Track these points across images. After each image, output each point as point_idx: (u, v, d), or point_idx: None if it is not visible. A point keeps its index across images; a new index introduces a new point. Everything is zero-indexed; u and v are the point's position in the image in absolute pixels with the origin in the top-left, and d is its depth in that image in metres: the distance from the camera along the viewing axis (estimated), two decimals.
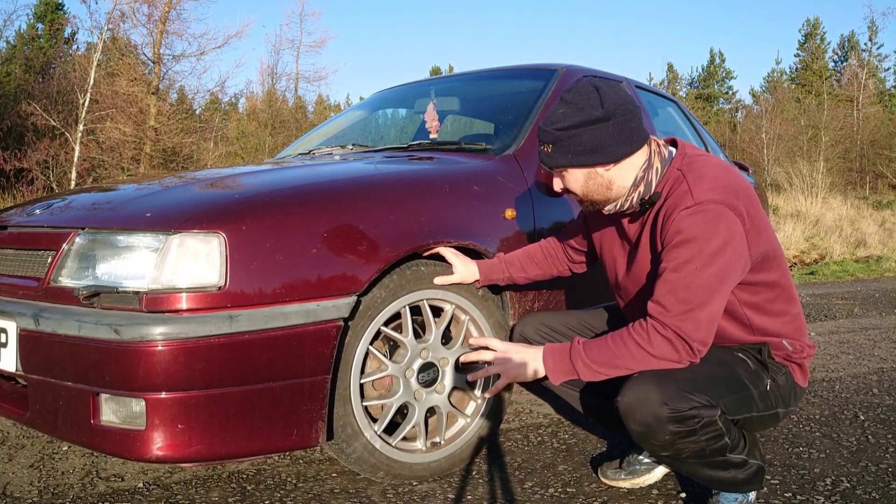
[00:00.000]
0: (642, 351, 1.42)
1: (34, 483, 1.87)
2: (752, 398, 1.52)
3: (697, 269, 1.39)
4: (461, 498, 1.77)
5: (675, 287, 1.40)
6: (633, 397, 1.40)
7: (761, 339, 1.57)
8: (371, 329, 1.71)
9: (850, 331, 4.17)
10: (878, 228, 11.70)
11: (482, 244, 1.93)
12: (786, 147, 23.53)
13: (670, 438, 1.39)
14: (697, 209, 1.41)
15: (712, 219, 1.40)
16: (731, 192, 1.44)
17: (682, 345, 1.40)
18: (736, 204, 1.42)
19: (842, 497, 1.74)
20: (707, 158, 1.55)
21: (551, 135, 1.50)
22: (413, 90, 3.23)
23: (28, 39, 19.48)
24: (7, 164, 12.61)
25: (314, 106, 29.68)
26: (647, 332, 1.42)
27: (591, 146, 1.47)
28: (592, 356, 1.46)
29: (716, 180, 1.46)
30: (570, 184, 1.55)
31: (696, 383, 1.42)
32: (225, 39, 16.52)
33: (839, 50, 33.59)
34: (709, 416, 1.40)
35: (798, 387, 1.62)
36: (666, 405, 1.37)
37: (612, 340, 1.46)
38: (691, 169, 1.49)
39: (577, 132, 1.47)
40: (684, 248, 1.41)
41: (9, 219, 1.91)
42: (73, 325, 1.46)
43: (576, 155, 1.49)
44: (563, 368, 1.50)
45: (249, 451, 1.54)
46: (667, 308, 1.40)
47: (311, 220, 1.62)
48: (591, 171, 1.51)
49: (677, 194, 1.47)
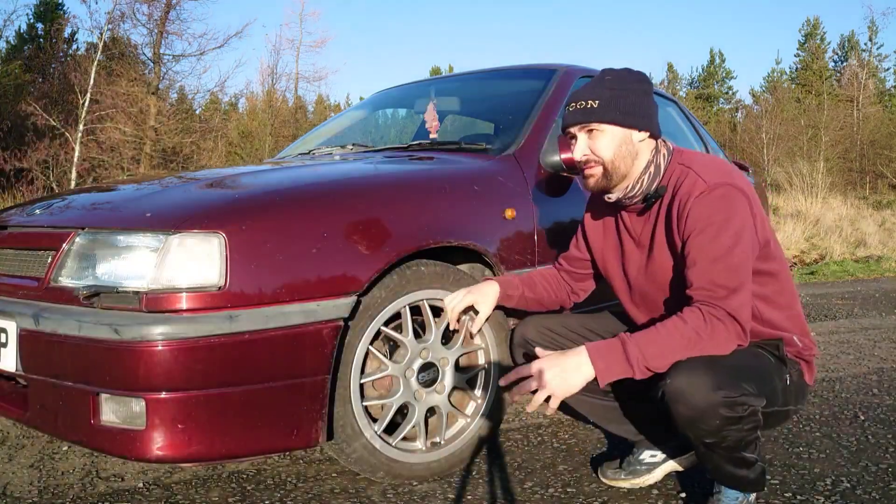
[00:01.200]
0: (699, 337, 1.40)
1: (34, 483, 1.87)
2: (777, 391, 1.53)
3: (728, 249, 1.43)
4: (461, 498, 1.77)
5: (713, 271, 1.42)
6: (684, 382, 1.37)
7: (774, 334, 1.58)
8: (371, 329, 1.70)
9: (850, 331, 4.17)
10: (878, 228, 11.70)
11: (482, 244, 1.93)
12: (786, 147, 23.53)
13: (720, 424, 1.39)
14: (711, 192, 1.46)
15: (725, 199, 1.46)
16: (734, 176, 1.51)
17: (734, 325, 1.41)
18: (741, 185, 1.49)
19: (842, 497, 1.74)
20: (705, 154, 1.62)
21: (602, 90, 1.52)
22: (413, 90, 3.23)
23: (28, 39, 19.48)
24: (7, 164, 12.62)
25: (314, 106, 29.70)
26: (704, 318, 1.40)
27: (637, 108, 1.53)
28: (647, 350, 1.41)
29: (719, 167, 1.53)
30: (601, 146, 1.53)
31: (742, 371, 1.43)
32: (225, 39, 16.56)
33: (839, 50, 33.59)
34: (756, 404, 1.42)
35: (806, 385, 1.64)
36: (721, 390, 1.36)
37: (666, 330, 1.42)
38: (694, 160, 1.56)
39: (627, 92, 1.53)
40: (708, 232, 1.44)
41: (9, 219, 1.91)
42: (73, 325, 1.46)
43: (622, 113, 1.52)
44: (616, 369, 1.42)
45: (249, 451, 1.54)
46: (713, 290, 1.41)
47: (311, 219, 1.62)
48: (627, 135, 1.54)
49: (687, 183, 1.51)
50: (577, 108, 1.55)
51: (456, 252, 1.95)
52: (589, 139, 1.55)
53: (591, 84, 1.56)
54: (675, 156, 1.58)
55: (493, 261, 1.98)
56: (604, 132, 1.53)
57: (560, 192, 2.26)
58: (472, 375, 1.94)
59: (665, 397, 1.40)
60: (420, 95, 3.13)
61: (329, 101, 32.31)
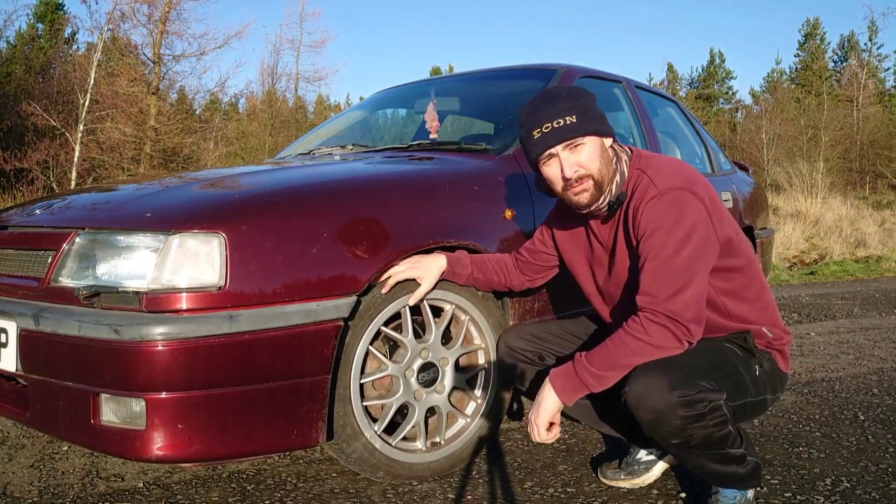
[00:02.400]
0: (641, 343, 1.44)
1: (34, 483, 1.87)
2: (745, 384, 1.56)
3: (674, 252, 1.45)
4: (461, 498, 1.77)
5: (657, 274, 1.45)
6: (640, 386, 1.41)
7: (742, 327, 1.62)
8: (371, 329, 1.71)
9: (850, 331, 4.17)
10: (877, 228, 11.69)
11: (482, 244, 1.93)
12: (786, 147, 23.53)
13: (681, 423, 1.41)
14: (661, 197, 1.49)
15: (677, 204, 1.48)
16: (689, 179, 1.53)
17: (676, 327, 1.43)
18: (696, 189, 1.51)
19: (842, 497, 1.74)
20: (661, 156, 1.65)
21: (573, 107, 1.52)
22: (413, 90, 3.23)
23: (28, 39, 19.47)
24: (7, 164, 12.61)
25: (314, 106, 29.68)
26: (642, 324, 1.45)
27: (600, 115, 1.56)
28: (595, 363, 1.47)
29: (674, 170, 1.55)
30: (587, 158, 1.53)
31: (698, 369, 1.45)
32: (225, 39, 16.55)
33: (839, 50, 33.59)
34: (715, 399, 1.44)
35: (782, 373, 1.67)
36: (675, 389, 1.39)
37: (611, 342, 1.48)
38: (649, 165, 1.58)
39: (587, 102, 1.55)
40: (657, 235, 1.47)
41: (9, 219, 1.91)
42: (73, 325, 1.46)
43: (599, 122, 1.54)
44: (571, 386, 1.49)
45: (249, 451, 1.54)
46: (654, 295, 1.45)
47: (311, 220, 1.62)
48: (603, 143, 1.56)
49: (641, 188, 1.54)
50: (554, 128, 1.52)
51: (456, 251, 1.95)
52: (572, 154, 1.54)
53: (549, 103, 1.54)
54: (634, 160, 1.60)
55: None
56: (586, 144, 1.54)
57: None
58: (472, 375, 1.94)
59: (627, 404, 1.44)
60: (420, 95, 3.13)
61: (329, 101, 32.32)
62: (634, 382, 1.43)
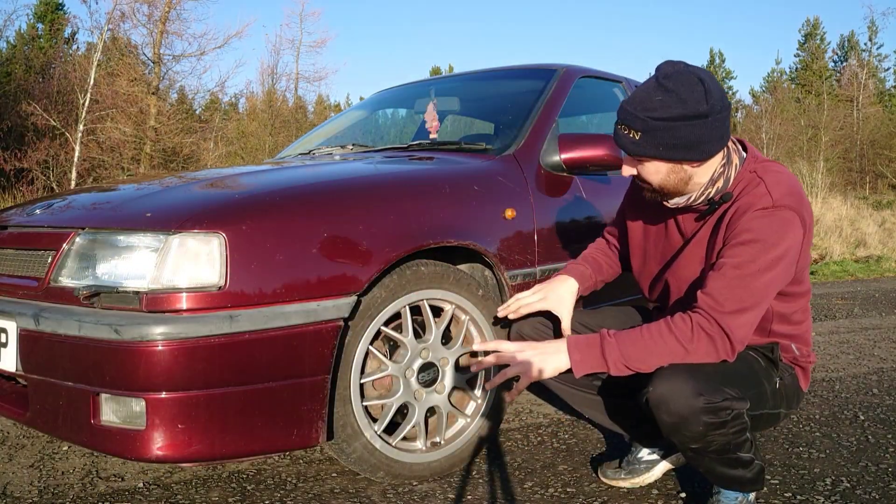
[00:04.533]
0: (680, 346, 1.41)
1: (34, 483, 1.87)
2: (766, 394, 1.53)
3: (759, 270, 1.39)
4: (461, 498, 1.77)
5: (733, 284, 1.40)
6: (666, 388, 1.38)
7: (771, 341, 1.59)
8: (371, 329, 1.71)
9: (850, 331, 4.17)
10: (877, 228, 11.69)
11: (482, 244, 1.93)
12: (786, 147, 23.54)
13: (703, 430, 1.39)
14: (774, 212, 1.41)
15: (784, 224, 1.41)
16: (801, 201, 1.45)
17: (723, 343, 1.40)
18: (804, 214, 1.44)
19: (842, 497, 1.74)
20: (779, 164, 1.53)
21: (644, 122, 1.39)
22: (413, 90, 3.23)
23: (28, 39, 19.48)
24: (7, 164, 12.62)
25: (314, 106, 29.67)
26: (692, 329, 1.41)
27: (688, 142, 1.39)
28: (627, 351, 1.43)
29: (791, 187, 1.46)
30: (648, 174, 1.47)
31: (725, 376, 1.43)
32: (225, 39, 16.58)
33: (839, 50, 33.60)
34: (739, 408, 1.41)
35: (800, 390, 1.64)
36: (701, 396, 1.36)
37: (650, 334, 1.43)
38: (767, 171, 1.48)
39: (676, 125, 1.37)
40: (751, 246, 1.40)
41: (9, 219, 1.91)
42: (73, 325, 1.46)
43: (668, 148, 1.40)
44: (591, 362, 1.45)
45: (249, 451, 1.54)
46: (720, 303, 1.40)
47: (311, 220, 1.62)
48: (677, 166, 1.44)
49: (754, 194, 1.45)
50: (620, 133, 1.45)
51: (456, 252, 1.95)
52: (635, 161, 1.48)
53: (641, 98, 1.41)
54: (749, 163, 1.50)
55: (493, 261, 1.98)
56: (651, 163, 1.45)
57: (560, 192, 2.26)
58: (472, 375, 1.94)
59: (649, 404, 1.41)
60: (420, 95, 3.13)
61: (329, 101, 32.33)
62: (659, 384, 1.39)
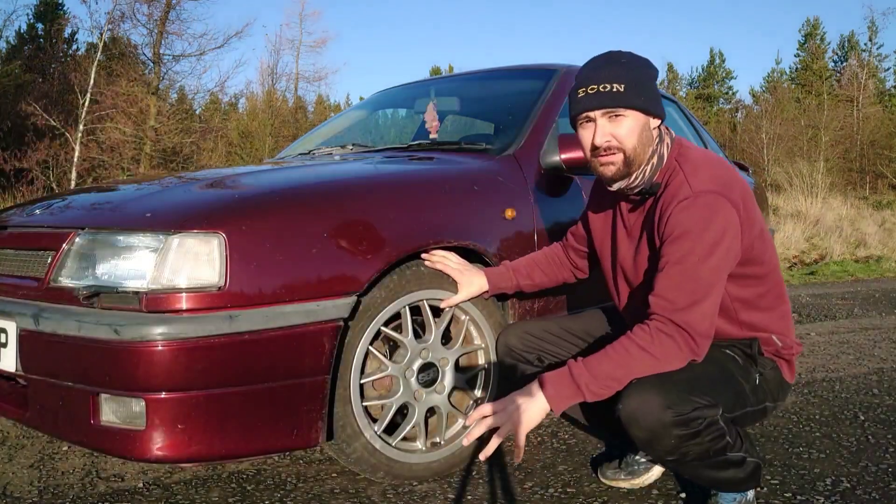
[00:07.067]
0: (645, 354, 1.39)
1: (34, 483, 1.87)
2: (745, 393, 1.52)
3: (700, 259, 1.39)
4: (461, 498, 1.77)
5: (678, 280, 1.40)
6: (634, 404, 1.36)
7: (750, 335, 1.57)
8: (371, 329, 1.70)
9: (850, 331, 4.17)
10: (878, 228, 11.70)
11: (482, 244, 1.93)
12: (786, 147, 23.54)
13: (676, 443, 1.37)
14: (694, 200, 1.42)
15: (707, 209, 1.41)
16: (725, 182, 1.46)
17: (685, 340, 1.39)
18: (731, 194, 1.44)
19: (842, 497, 1.74)
20: (701, 150, 1.57)
21: (627, 75, 1.45)
22: (413, 90, 3.22)
23: (28, 39, 19.48)
24: (7, 164, 12.63)
25: (314, 106, 29.69)
26: (650, 334, 1.40)
27: (655, 94, 1.50)
28: (595, 370, 1.39)
29: (711, 171, 1.48)
30: (625, 132, 1.47)
31: (694, 384, 1.40)
32: (225, 39, 16.60)
33: (839, 50, 33.57)
34: (711, 415, 1.39)
35: (785, 382, 1.62)
36: (669, 409, 1.34)
37: (614, 350, 1.41)
38: (687, 159, 1.51)
39: (648, 80, 1.49)
40: (684, 240, 1.41)
41: (9, 219, 1.91)
42: (73, 325, 1.46)
43: (647, 100, 1.47)
44: (566, 393, 1.40)
45: (249, 451, 1.54)
46: (672, 301, 1.39)
47: (311, 220, 1.62)
48: (647, 123, 1.50)
49: (674, 185, 1.47)
50: (599, 92, 1.45)
51: (456, 252, 1.95)
52: (610, 124, 1.48)
53: (605, 65, 1.48)
54: (674, 149, 1.53)
55: (493, 261, 1.97)
56: (628, 117, 1.47)
57: (560, 192, 2.26)
58: (472, 375, 1.94)
59: (621, 421, 1.39)
60: (420, 95, 3.13)
61: (329, 101, 32.32)
62: (627, 400, 1.37)
